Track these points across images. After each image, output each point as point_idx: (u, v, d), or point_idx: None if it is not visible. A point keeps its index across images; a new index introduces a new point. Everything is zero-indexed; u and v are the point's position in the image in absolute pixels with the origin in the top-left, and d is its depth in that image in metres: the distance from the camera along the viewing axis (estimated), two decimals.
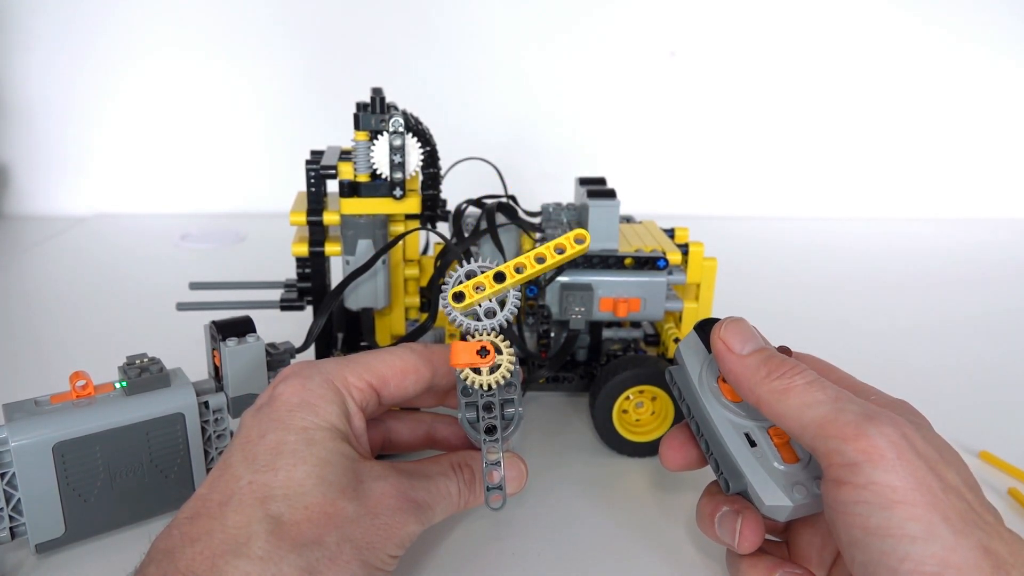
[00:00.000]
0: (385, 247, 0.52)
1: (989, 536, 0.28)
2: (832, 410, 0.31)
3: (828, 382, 0.32)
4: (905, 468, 0.28)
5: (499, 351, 0.37)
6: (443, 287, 0.37)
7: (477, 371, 0.37)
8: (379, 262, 0.53)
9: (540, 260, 0.36)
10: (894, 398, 0.35)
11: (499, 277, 0.36)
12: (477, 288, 0.36)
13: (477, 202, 0.58)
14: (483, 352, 0.36)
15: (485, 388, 0.37)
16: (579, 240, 0.36)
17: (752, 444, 0.35)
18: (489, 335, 0.37)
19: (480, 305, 0.37)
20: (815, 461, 0.34)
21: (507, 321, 0.37)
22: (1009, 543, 0.28)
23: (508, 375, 0.37)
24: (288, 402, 0.36)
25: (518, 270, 0.36)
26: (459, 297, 0.36)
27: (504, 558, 0.43)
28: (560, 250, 0.36)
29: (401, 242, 0.54)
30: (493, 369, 0.37)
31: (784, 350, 0.36)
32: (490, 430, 0.37)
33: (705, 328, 0.38)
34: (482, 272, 0.37)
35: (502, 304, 0.38)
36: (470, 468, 0.39)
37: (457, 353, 0.36)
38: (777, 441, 0.35)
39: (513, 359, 0.37)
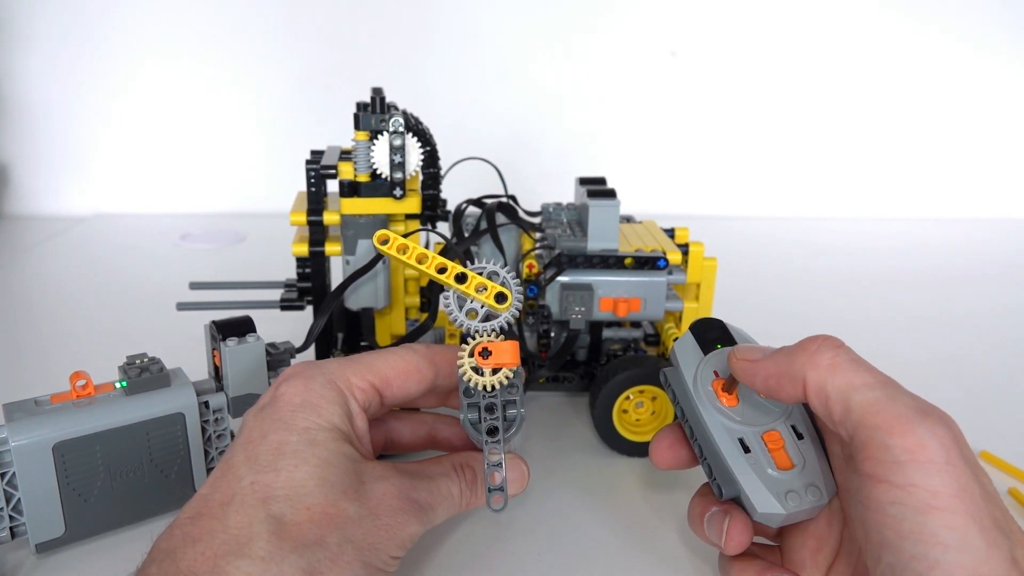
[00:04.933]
0: None
1: (1014, 546, 0.27)
2: (883, 396, 0.29)
3: (869, 363, 0.31)
4: (952, 473, 0.27)
5: None
6: (450, 315, 0.37)
7: (479, 372, 0.37)
8: (379, 262, 0.53)
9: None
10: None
11: (460, 278, 0.37)
12: (479, 289, 0.37)
13: (477, 202, 0.58)
14: (485, 354, 0.36)
15: (487, 389, 0.37)
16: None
17: (746, 450, 0.34)
18: (491, 336, 0.37)
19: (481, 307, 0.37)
20: (809, 467, 0.34)
21: (508, 323, 0.37)
22: None
23: (510, 376, 0.37)
24: (291, 402, 0.36)
25: (441, 271, 0.37)
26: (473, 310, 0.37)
27: (505, 559, 0.43)
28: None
29: None
30: (496, 370, 0.37)
31: None
32: (492, 431, 0.37)
33: (700, 329, 0.38)
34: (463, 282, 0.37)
35: (499, 299, 0.38)
36: (472, 469, 0.39)
37: (501, 352, 0.37)
38: (771, 447, 0.35)
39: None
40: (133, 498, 0.43)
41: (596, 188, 0.55)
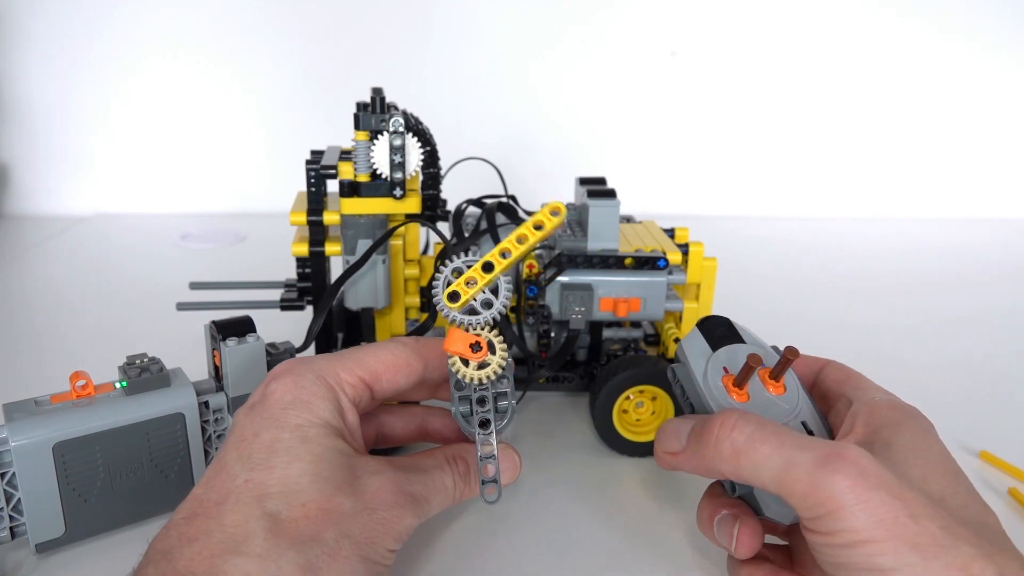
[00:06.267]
0: (380, 239, 0.52)
1: (975, 552, 0.28)
2: (782, 464, 0.31)
3: (768, 425, 0.32)
4: (865, 509, 0.29)
5: (491, 345, 0.37)
6: (433, 286, 0.37)
7: (470, 365, 0.37)
8: (380, 262, 0.53)
9: (521, 240, 0.37)
10: (905, 404, 0.35)
11: (487, 267, 0.36)
12: (469, 283, 0.36)
13: (477, 202, 0.58)
14: (475, 347, 0.36)
15: (478, 382, 0.37)
16: (555, 212, 0.37)
17: None
18: (484, 329, 0.37)
19: (475, 299, 0.37)
20: None
21: (500, 313, 0.37)
22: (994, 555, 0.28)
23: (501, 369, 0.37)
24: (281, 400, 0.36)
25: (504, 255, 0.36)
26: (454, 297, 0.36)
27: (504, 559, 0.43)
28: (539, 226, 0.37)
29: (401, 242, 0.54)
30: (487, 363, 0.37)
31: (790, 351, 0.35)
32: (484, 424, 0.37)
33: (707, 325, 0.38)
34: (468, 267, 0.37)
35: (495, 292, 0.38)
36: (464, 460, 0.39)
37: (453, 340, 0.36)
38: None
39: (505, 352, 0.37)
40: (133, 498, 0.43)
41: (596, 188, 0.55)
